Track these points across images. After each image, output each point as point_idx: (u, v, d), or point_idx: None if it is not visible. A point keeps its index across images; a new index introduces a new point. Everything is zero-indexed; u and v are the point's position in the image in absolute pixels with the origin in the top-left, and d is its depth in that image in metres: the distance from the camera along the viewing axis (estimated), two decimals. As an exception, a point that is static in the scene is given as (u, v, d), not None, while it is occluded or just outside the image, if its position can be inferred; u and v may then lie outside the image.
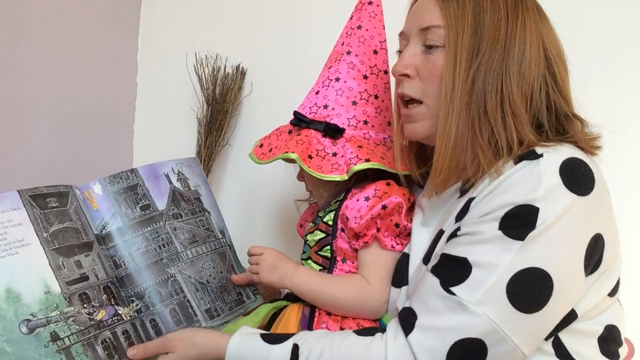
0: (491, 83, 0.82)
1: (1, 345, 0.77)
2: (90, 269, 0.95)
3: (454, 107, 0.82)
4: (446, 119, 0.83)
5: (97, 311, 0.91)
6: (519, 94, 0.82)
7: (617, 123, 1.16)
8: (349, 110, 1.03)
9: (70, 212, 0.97)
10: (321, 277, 1.00)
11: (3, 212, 0.87)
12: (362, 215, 0.96)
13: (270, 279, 1.01)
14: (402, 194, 0.98)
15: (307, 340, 0.84)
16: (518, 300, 0.73)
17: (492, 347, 0.74)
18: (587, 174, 0.77)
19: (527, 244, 0.73)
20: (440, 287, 0.77)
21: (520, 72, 0.82)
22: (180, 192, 1.12)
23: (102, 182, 1.03)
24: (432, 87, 0.87)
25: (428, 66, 0.87)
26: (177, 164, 1.13)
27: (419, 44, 0.89)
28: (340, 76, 1.05)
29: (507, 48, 0.83)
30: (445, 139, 0.83)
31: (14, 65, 1.39)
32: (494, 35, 0.83)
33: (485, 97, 0.82)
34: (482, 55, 0.82)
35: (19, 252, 0.86)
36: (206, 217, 1.13)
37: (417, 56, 0.89)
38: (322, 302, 0.98)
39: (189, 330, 0.96)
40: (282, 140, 1.05)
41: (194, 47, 1.63)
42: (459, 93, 0.82)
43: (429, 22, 0.87)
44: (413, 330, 0.77)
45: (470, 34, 0.83)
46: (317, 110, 1.04)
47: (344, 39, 1.08)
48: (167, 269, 1.03)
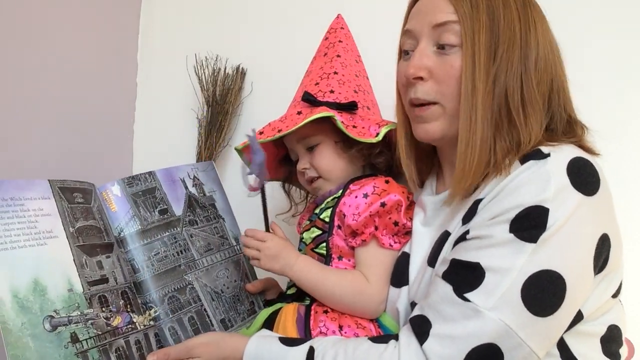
0: (512, 84, 0.81)
1: (25, 340, 0.76)
2: (110, 271, 0.93)
3: (477, 110, 0.80)
4: (469, 122, 0.81)
5: (114, 316, 0.89)
6: (539, 94, 0.82)
7: (618, 124, 1.20)
8: (352, 97, 1.07)
9: (93, 210, 0.96)
10: (321, 269, 0.99)
11: (34, 200, 0.86)
12: (360, 212, 0.96)
13: (272, 266, 1.00)
14: (401, 192, 0.99)
15: (322, 343, 0.85)
16: (533, 304, 0.72)
17: (509, 353, 0.73)
18: (593, 173, 0.77)
19: (540, 246, 0.73)
20: (453, 294, 0.76)
21: (537, 73, 0.82)
22: (195, 197, 1.11)
23: (120, 183, 1.02)
24: (449, 88, 0.84)
25: (445, 67, 0.84)
26: (193, 168, 1.13)
27: (430, 44, 0.86)
28: (338, 71, 1.08)
29: (524, 48, 0.82)
30: (471, 144, 0.81)
31: (14, 65, 1.38)
32: (510, 35, 0.82)
33: (508, 99, 0.81)
34: (500, 56, 0.81)
35: (47, 244, 0.85)
36: (220, 224, 1.12)
37: (429, 57, 0.86)
38: (320, 294, 0.98)
39: (212, 334, 0.95)
40: (293, 119, 1.03)
41: (194, 47, 1.63)
42: (480, 95, 0.80)
43: (444, 17, 0.83)
44: (428, 339, 0.76)
45: (487, 33, 0.81)
46: (323, 95, 1.06)
47: (327, 50, 1.13)
48: (185, 276, 1.02)
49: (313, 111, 1.02)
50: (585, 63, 1.21)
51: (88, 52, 1.57)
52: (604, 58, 1.25)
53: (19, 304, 0.78)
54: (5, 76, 1.36)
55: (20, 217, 0.85)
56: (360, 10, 1.39)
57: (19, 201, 0.87)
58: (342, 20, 1.17)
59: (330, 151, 1.06)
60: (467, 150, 0.81)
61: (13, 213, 0.85)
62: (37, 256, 0.83)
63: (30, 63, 1.43)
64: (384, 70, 1.08)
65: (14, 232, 0.83)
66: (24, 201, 0.87)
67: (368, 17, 1.41)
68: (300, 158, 1.09)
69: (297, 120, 1.01)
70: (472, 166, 0.81)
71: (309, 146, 1.07)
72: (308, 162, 1.08)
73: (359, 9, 1.37)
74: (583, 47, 1.22)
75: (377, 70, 1.16)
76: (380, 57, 1.13)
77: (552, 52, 0.86)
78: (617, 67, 1.24)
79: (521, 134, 0.81)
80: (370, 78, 1.16)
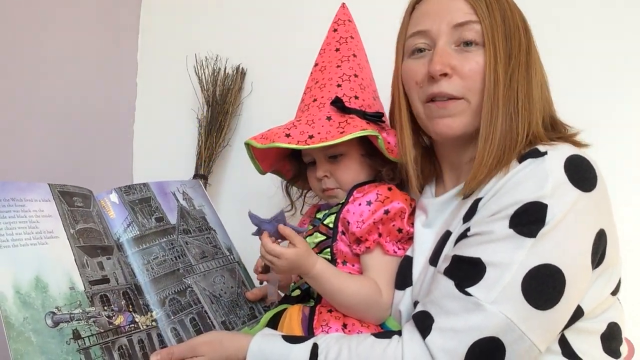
0: (522, 82, 0.87)
1: (27, 335, 0.78)
2: (112, 272, 0.96)
3: (499, 105, 0.86)
4: (490, 115, 0.86)
5: (116, 315, 0.91)
6: (538, 94, 0.89)
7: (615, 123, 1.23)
8: (374, 105, 1.08)
9: (93, 214, 0.99)
10: (338, 277, 0.98)
11: (35, 201, 0.89)
12: (364, 219, 0.98)
13: (288, 273, 1.03)
14: (404, 199, 1.01)
15: (326, 340, 0.87)
16: (533, 298, 0.75)
17: (510, 346, 0.75)
18: (590, 170, 0.80)
19: (539, 241, 0.76)
20: (455, 289, 0.79)
21: (535, 72, 0.89)
22: (186, 210, 1.15)
23: (118, 191, 1.06)
24: (475, 83, 0.88)
25: (470, 64, 0.88)
26: (181, 184, 1.18)
27: (449, 42, 0.90)
28: (358, 74, 1.09)
29: (528, 49, 0.90)
30: (491, 135, 0.86)
31: (14, 65, 1.40)
32: (518, 36, 0.89)
33: (518, 96, 0.87)
34: (515, 55, 0.88)
35: (48, 243, 0.88)
36: (212, 235, 1.16)
37: (451, 55, 0.89)
38: (334, 300, 0.98)
39: (215, 333, 0.97)
40: (325, 126, 1.01)
41: (194, 47, 1.66)
42: (501, 90, 0.86)
43: (465, 17, 0.89)
44: (431, 333, 0.79)
45: (502, 33, 0.88)
46: (349, 99, 1.06)
47: (339, 45, 1.12)
48: (184, 279, 1.04)
49: (348, 121, 1.01)
50: (577, 63, 1.25)
51: (88, 52, 1.59)
52: (597, 58, 1.28)
53: (21, 300, 0.81)
54: (5, 76, 1.37)
55: (22, 217, 0.88)
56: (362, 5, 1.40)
57: (20, 202, 0.90)
58: (348, 11, 1.17)
59: (356, 164, 1.07)
60: (487, 142, 0.86)
61: (14, 213, 0.88)
62: (39, 255, 0.86)
63: (30, 63, 1.45)
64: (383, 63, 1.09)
65: (16, 230, 0.86)
66: (25, 202, 0.91)
67: (370, 12, 1.42)
68: (318, 165, 1.08)
69: (331, 129, 1.00)
70: (490, 157, 0.85)
71: (331, 155, 1.06)
72: (328, 170, 1.07)
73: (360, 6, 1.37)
74: (575, 47, 1.26)
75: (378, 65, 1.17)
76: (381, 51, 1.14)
77: (537, 53, 0.93)
78: (609, 68, 1.27)
79: (525, 130, 0.85)
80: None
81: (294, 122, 1.04)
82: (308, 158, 1.10)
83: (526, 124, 0.86)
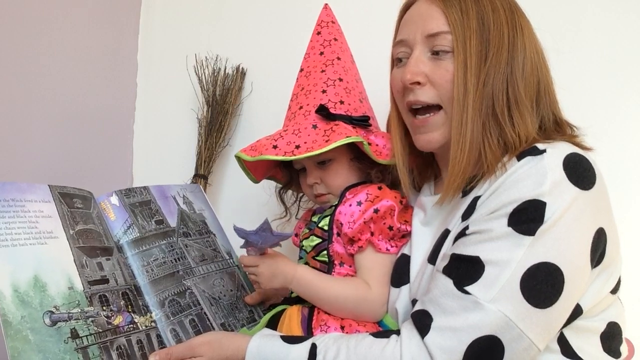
0: (499, 86, 0.86)
1: (25, 333, 0.80)
2: (111, 273, 0.97)
3: (468, 112, 0.86)
4: (460, 124, 0.87)
5: (115, 315, 0.92)
6: (526, 95, 0.87)
7: (613, 123, 1.23)
8: (360, 108, 1.10)
9: (93, 216, 1.01)
10: (321, 279, 1.02)
11: (35, 202, 0.91)
12: (355, 220, 1.00)
13: (272, 285, 1.04)
14: (393, 197, 1.03)
15: (324, 340, 0.89)
16: (532, 296, 0.76)
17: (509, 345, 0.76)
18: (589, 169, 0.81)
19: (538, 239, 0.77)
20: (454, 287, 0.80)
21: (524, 75, 0.88)
22: (187, 213, 1.18)
23: (118, 194, 1.08)
24: (447, 92, 0.89)
25: (440, 72, 0.90)
26: (181, 189, 1.20)
27: (424, 51, 0.92)
28: (342, 77, 1.11)
29: (511, 51, 0.88)
30: (461, 145, 0.87)
31: (14, 65, 1.41)
32: (499, 39, 0.88)
33: (494, 100, 0.86)
34: (490, 60, 0.87)
35: (48, 243, 0.89)
36: (212, 238, 1.18)
37: (424, 63, 0.91)
38: (322, 304, 1.02)
39: (214, 334, 0.98)
40: (311, 135, 1.03)
41: (194, 47, 1.68)
42: (471, 97, 0.86)
43: (436, 28, 0.90)
44: (429, 332, 0.80)
45: (477, 39, 0.87)
46: (334, 105, 1.07)
47: (323, 48, 1.14)
48: (184, 281, 1.06)
49: (333, 128, 1.03)
50: (577, 64, 1.26)
51: (88, 52, 1.60)
52: (597, 59, 1.28)
53: (19, 298, 0.82)
54: (5, 76, 1.38)
55: (21, 217, 0.90)
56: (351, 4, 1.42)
57: (20, 202, 0.92)
58: (331, 12, 1.18)
59: (345, 169, 1.09)
60: (456, 152, 0.87)
61: (14, 213, 0.90)
62: (38, 254, 0.88)
63: (30, 63, 1.46)
64: (374, 65, 1.11)
65: (15, 230, 0.88)
66: (25, 203, 0.92)
67: (359, 11, 1.43)
68: (308, 172, 1.11)
69: (317, 138, 1.02)
70: (461, 167, 0.87)
71: (320, 161, 1.09)
72: (319, 177, 1.09)
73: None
74: (575, 48, 1.26)
75: (367, 67, 1.19)
76: (370, 54, 1.15)
77: (538, 55, 0.92)
78: (609, 68, 1.27)
79: (508, 133, 0.86)
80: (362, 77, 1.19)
81: (281, 133, 1.07)
82: (298, 165, 1.12)
83: (508, 128, 0.85)
